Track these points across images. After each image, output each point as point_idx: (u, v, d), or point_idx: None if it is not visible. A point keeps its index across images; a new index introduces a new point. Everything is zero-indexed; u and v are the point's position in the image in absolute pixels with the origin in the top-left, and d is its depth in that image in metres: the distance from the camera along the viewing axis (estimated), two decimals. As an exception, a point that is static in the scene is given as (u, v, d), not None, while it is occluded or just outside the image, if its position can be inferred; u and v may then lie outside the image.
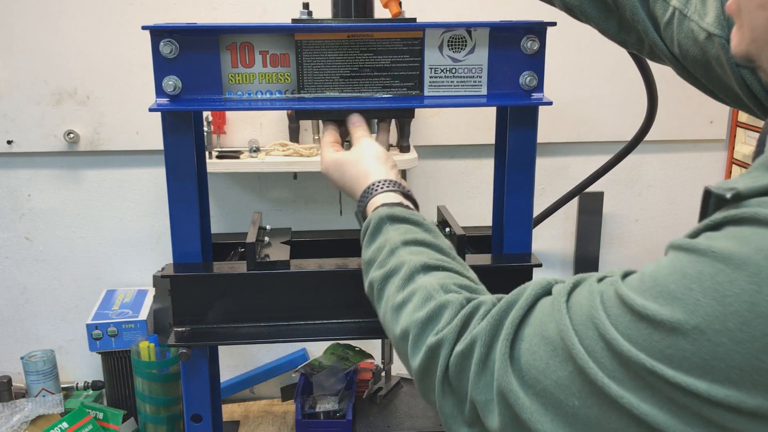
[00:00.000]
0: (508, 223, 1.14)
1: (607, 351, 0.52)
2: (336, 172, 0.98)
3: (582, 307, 0.56)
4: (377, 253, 0.82)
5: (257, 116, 1.76)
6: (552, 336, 0.57)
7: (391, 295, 0.77)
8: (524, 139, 1.10)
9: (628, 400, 0.50)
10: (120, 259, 1.86)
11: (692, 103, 1.81)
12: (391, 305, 0.76)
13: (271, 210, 1.85)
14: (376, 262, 0.82)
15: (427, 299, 0.71)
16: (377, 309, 0.82)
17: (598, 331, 0.53)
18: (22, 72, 1.70)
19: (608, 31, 0.95)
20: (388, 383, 1.71)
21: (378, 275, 0.80)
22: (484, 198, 1.84)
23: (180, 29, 1.00)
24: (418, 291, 0.73)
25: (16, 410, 1.61)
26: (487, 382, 0.61)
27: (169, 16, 1.67)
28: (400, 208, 0.86)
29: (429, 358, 0.67)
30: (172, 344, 1.08)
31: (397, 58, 1.04)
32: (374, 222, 0.85)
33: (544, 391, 0.56)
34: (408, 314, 0.72)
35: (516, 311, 0.62)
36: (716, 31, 0.77)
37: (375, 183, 0.92)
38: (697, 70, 0.84)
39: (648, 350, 0.50)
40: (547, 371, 0.56)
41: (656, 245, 1.94)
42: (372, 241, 0.85)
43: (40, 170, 1.79)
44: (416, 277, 0.75)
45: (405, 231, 0.83)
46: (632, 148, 1.42)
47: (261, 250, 1.19)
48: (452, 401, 0.66)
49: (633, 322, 0.51)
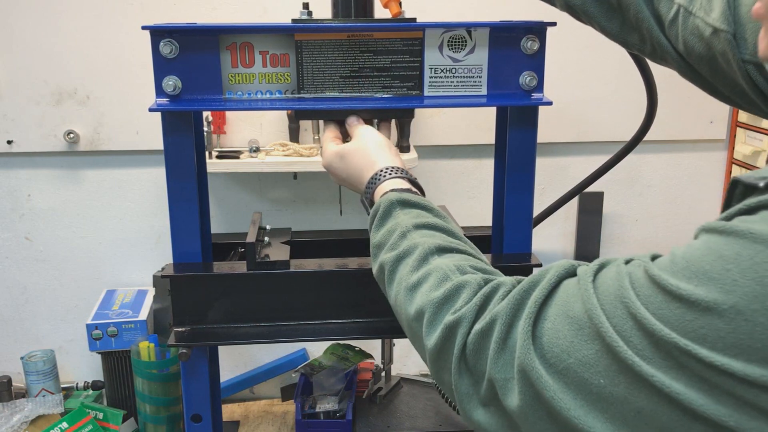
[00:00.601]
0: (508, 223, 1.14)
1: (637, 330, 0.52)
2: (339, 164, 0.98)
3: (609, 287, 0.56)
4: (388, 236, 0.82)
5: (257, 116, 1.76)
6: (578, 315, 0.57)
7: (404, 276, 0.77)
8: (524, 139, 1.10)
9: (659, 378, 0.50)
10: (120, 259, 1.86)
11: (692, 103, 1.81)
12: (405, 286, 0.76)
13: (271, 210, 1.85)
14: (386, 245, 0.82)
15: (443, 279, 0.71)
16: (388, 291, 0.81)
17: (628, 310, 0.53)
18: (22, 72, 1.70)
19: (610, 31, 0.95)
20: (388, 383, 1.71)
21: (389, 257, 0.80)
22: (484, 198, 1.84)
23: (180, 29, 1.00)
24: (434, 272, 0.73)
25: (16, 410, 1.61)
26: (507, 360, 0.62)
27: (169, 16, 1.67)
28: (410, 194, 0.87)
29: (446, 336, 0.67)
30: (172, 344, 1.08)
31: (397, 58, 1.04)
32: (384, 206, 0.85)
33: (567, 370, 0.56)
34: (423, 294, 0.72)
35: (539, 291, 0.62)
36: (722, 26, 0.77)
37: (382, 169, 0.92)
38: (702, 67, 0.84)
39: (680, 330, 0.50)
40: (570, 350, 0.56)
41: (656, 245, 1.94)
42: (381, 224, 0.85)
43: (40, 170, 1.79)
44: (431, 259, 0.75)
45: (416, 215, 0.83)
46: (632, 148, 1.41)
47: (261, 250, 1.19)
48: (469, 380, 0.66)
49: (665, 302, 0.51)
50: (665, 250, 0.58)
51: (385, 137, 0.99)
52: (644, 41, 0.91)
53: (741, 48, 0.76)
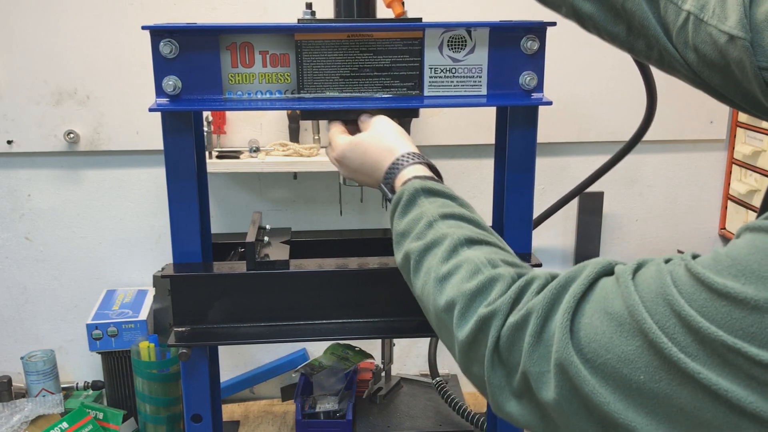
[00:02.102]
0: (508, 223, 1.14)
1: (681, 327, 0.53)
2: (353, 153, 0.97)
3: (650, 284, 0.56)
4: (413, 224, 0.82)
5: (257, 116, 1.76)
6: (617, 311, 0.57)
7: (433, 267, 0.76)
8: (524, 139, 1.10)
9: (705, 375, 0.51)
10: (120, 259, 1.86)
11: (692, 103, 1.81)
12: (434, 276, 0.75)
13: (271, 210, 1.85)
14: (412, 234, 0.81)
15: (475, 272, 0.71)
16: (413, 281, 0.81)
17: (671, 307, 0.54)
18: (22, 72, 1.70)
19: (617, 37, 0.93)
20: (388, 383, 1.71)
21: (416, 246, 0.79)
22: (484, 198, 1.84)
23: (180, 29, 1.00)
24: (465, 263, 0.73)
25: (16, 410, 1.61)
26: (542, 354, 0.62)
27: (169, 16, 1.67)
28: (434, 182, 0.86)
29: (479, 329, 0.67)
30: (172, 344, 1.08)
31: (397, 58, 1.04)
32: (408, 194, 0.84)
33: (605, 365, 0.57)
34: (455, 285, 0.72)
35: (577, 286, 0.62)
36: (739, 33, 0.75)
37: (403, 155, 0.91)
38: (714, 76, 0.82)
39: (728, 328, 0.50)
40: (609, 345, 0.57)
41: (656, 245, 1.94)
42: (405, 212, 0.84)
43: (40, 170, 1.79)
44: (461, 250, 0.75)
45: (441, 204, 0.82)
46: (631, 148, 1.41)
47: (261, 249, 1.19)
48: (502, 372, 0.66)
49: (710, 300, 0.51)
50: (665, 250, 0.58)
51: (399, 126, 0.99)
52: (651, 48, 0.90)
53: (758, 55, 0.74)
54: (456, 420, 1.57)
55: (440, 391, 1.61)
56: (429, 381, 1.71)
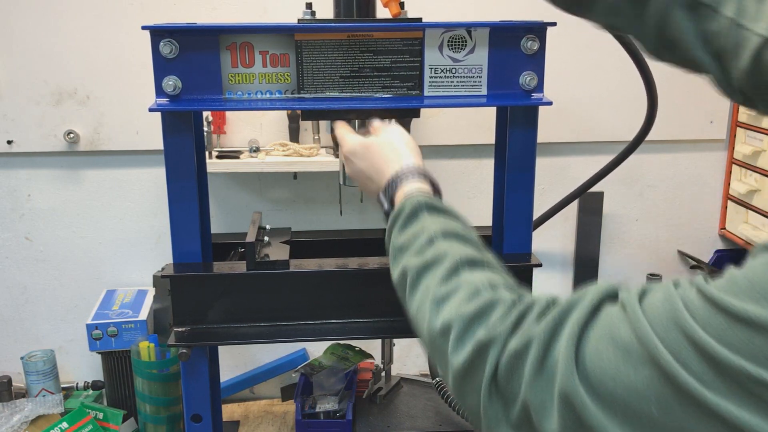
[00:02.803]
0: (508, 223, 1.14)
1: (696, 354, 0.49)
2: (363, 153, 0.96)
3: (660, 309, 0.53)
4: (412, 239, 0.79)
5: (257, 116, 1.76)
6: (625, 339, 0.54)
7: (431, 287, 0.72)
8: (524, 139, 1.10)
9: (724, 407, 0.47)
10: (120, 259, 1.86)
11: (692, 103, 1.81)
12: (432, 297, 0.71)
13: (271, 210, 1.85)
14: (410, 249, 0.78)
15: (474, 294, 0.67)
16: (408, 299, 0.77)
17: (685, 333, 0.50)
18: (22, 72, 1.70)
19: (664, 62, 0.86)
20: (388, 383, 1.71)
21: (415, 263, 0.76)
22: (484, 198, 1.84)
23: (180, 29, 1.00)
24: (464, 285, 0.69)
25: (16, 410, 1.61)
26: (544, 383, 0.58)
27: (169, 16, 1.67)
28: (437, 199, 0.84)
29: (476, 355, 0.63)
30: (172, 344, 1.08)
31: (397, 58, 1.04)
32: (410, 207, 0.82)
33: (613, 396, 0.53)
34: (452, 308, 0.68)
35: (580, 312, 0.58)
36: None
37: (409, 167, 0.89)
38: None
39: (749, 355, 0.47)
40: (617, 376, 0.53)
41: (656, 244, 1.94)
42: (406, 226, 0.81)
43: (40, 170, 1.79)
44: (461, 272, 0.71)
45: (444, 222, 0.79)
46: (632, 150, 1.41)
47: (261, 249, 1.19)
48: (499, 403, 0.62)
49: (727, 325, 0.48)
50: (665, 250, 0.58)
51: (412, 138, 0.97)
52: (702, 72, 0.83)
53: None
54: (456, 420, 1.57)
55: (440, 391, 1.61)
56: (429, 381, 1.71)
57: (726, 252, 1.94)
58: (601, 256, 1.93)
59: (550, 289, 1.96)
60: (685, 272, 1.96)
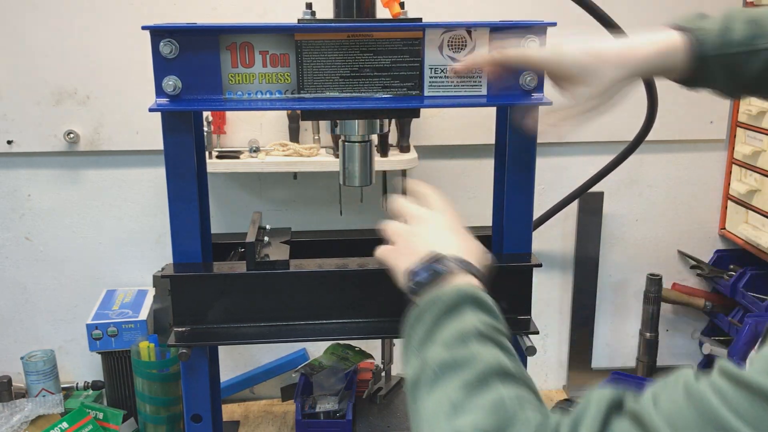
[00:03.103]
0: (508, 223, 1.14)
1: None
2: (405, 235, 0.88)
3: (685, 412, 0.47)
4: (443, 330, 0.70)
5: (257, 116, 1.76)
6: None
7: (452, 390, 0.63)
8: (524, 139, 1.10)
9: None
10: (120, 259, 1.86)
11: (692, 103, 1.81)
12: (449, 400, 0.62)
13: (271, 210, 1.85)
14: (438, 340, 0.69)
15: (498, 408, 0.60)
16: (421, 394, 0.66)
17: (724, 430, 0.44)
18: (22, 72, 1.70)
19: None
20: (388, 383, 1.71)
21: (438, 357, 0.67)
22: (484, 198, 1.84)
23: (180, 29, 1.00)
24: (489, 395, 0.61)
25: (16, 410, 1.61)
26: None
27: (169, 16, 1.67)
28: (484, 293, 0.74)
29: None
30: (172, 344, 1.08)
31: (397, 58, 1.04)
32: (454, 297, 0.72)
33: None
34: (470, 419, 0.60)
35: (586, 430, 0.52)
36: None
37: (455, 257, 0.78)
38: None
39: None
40: None
41: (656, 245, 1.94)
42: (444, 317, 0.71)
43: (40, 170, 1.79)
44: (491, 381, 0.63)
45: (484, 321, 0.70)
46: (632, 150, 1.42)
47: (261, 249, 1.19)
48: None
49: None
50: (665, 250, 0.57)
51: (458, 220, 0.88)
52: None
53: None
54: (456, 420, 1.57)
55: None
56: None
57: (726, 252, 1.94)
58: (601, 256, 1.93)
59: (550, 289, 1.97)
60: (685, 272, 1.96)
